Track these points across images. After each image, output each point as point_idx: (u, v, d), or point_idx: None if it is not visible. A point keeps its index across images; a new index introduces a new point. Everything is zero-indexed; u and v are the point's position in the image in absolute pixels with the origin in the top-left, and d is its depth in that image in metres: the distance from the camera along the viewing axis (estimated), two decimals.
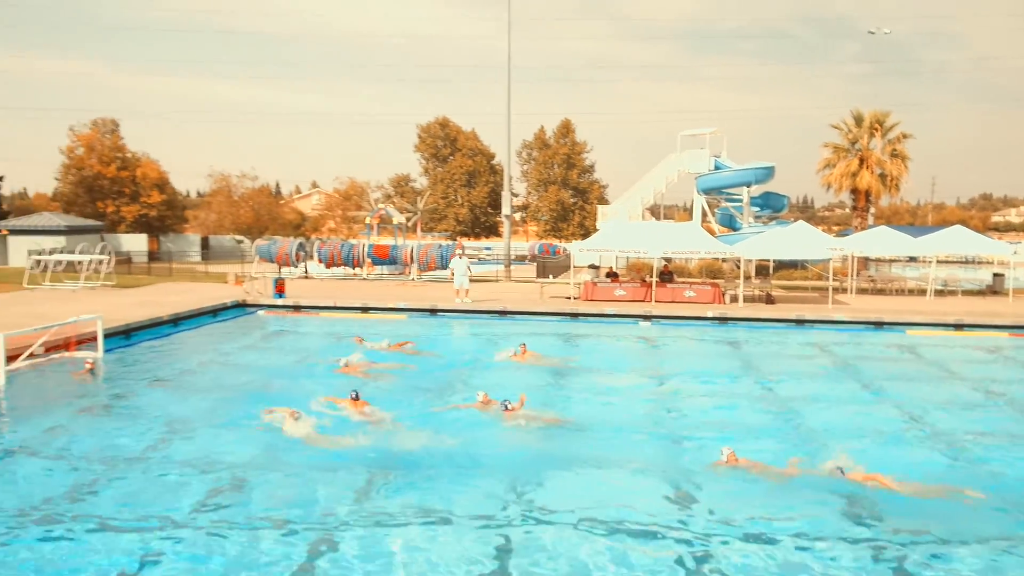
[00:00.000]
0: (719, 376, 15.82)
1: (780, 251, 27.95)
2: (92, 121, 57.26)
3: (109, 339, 16.81)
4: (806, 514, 8.33)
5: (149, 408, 12.62)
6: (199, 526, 7.77)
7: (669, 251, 26.66)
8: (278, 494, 8.76)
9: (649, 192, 44.23)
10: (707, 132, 43.03)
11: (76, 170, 55.66)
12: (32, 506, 8.20)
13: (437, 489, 8.90)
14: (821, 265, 31.07)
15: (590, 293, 26.45)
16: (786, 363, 17.69)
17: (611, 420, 12.26)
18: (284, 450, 10.30)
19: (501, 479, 9.29)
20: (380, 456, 10.06)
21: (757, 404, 13.63)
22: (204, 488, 8.85)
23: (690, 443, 11.02)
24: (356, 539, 7.54)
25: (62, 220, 45.59)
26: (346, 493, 8.74)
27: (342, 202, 67.41)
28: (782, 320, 23.03)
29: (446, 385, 14.41)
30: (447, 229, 74.73)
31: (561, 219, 77.55)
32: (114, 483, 9.07)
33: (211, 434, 11.11)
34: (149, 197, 56.33)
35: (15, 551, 7.16)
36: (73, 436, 10.90)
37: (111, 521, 7.85)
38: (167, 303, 23.34)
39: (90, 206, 54.70)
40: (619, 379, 15.52)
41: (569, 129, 79.52)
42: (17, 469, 9.59)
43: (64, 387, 13.82)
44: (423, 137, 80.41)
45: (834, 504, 8.61)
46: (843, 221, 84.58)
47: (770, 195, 43.34)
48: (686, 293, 26.07)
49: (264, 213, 61.21)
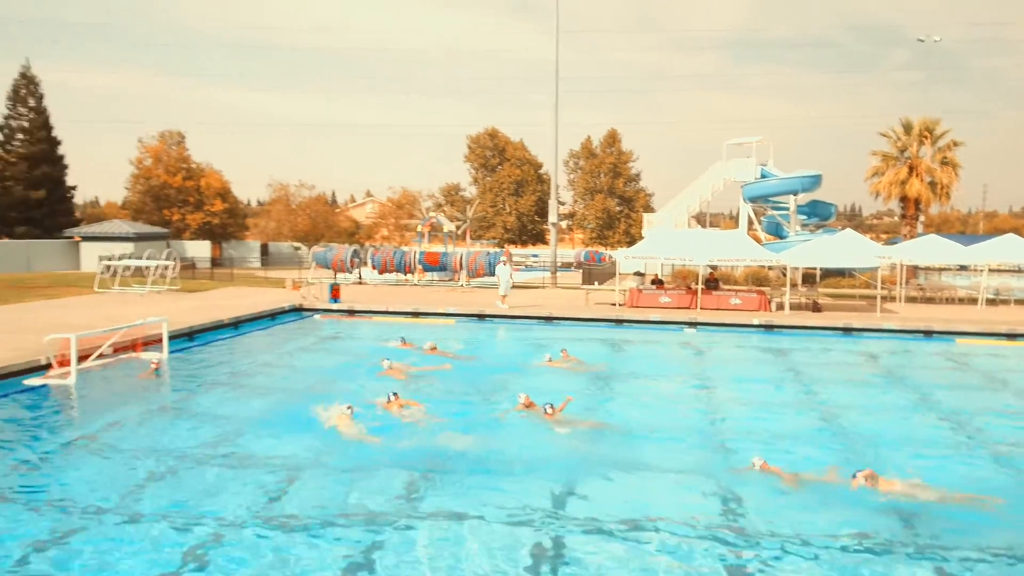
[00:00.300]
0: (764, 383, 15.51)
1: (827, 259, 27.32)
2: (160, 133, 58.95)
3: (173, 341, 17.22)
4: (837, 522, 8.08)
5: (209, 407, 12.88)
6: (252, 523, 7.88)
7: (715, 259, 26.29)
8: (326, 492, 8.82)
9: (695, 200, 43.72)
10: (753, 141, 42.37)
11: (144, 180, 57.30)
12: (96, 499, 8.41)
13: (476, 490, 8.89)
14: (869, 273, 30.29)
15: (635, 300, 26.22)
16: (832, 371, 17.26)
17: (653, 425, 12.09)
18: (334, 449, 10.42)
19: (539, 481, 9.21)
20: (422, 456, 10.08)
21: (802, 412, 13.32)
22: (258, 486, 8.98)
23: (732, 450, 10.80)
24: (398, 538, 7.55)
25: (131, 227, 46.89)
26: (388, 492, 8.76)
27: (395, 211, 68.13)
28: (829, 328, 22.49)
29: (488, 388, 14.40)
30: (495, 237, 74.93)
31: (607, 227, 77.15)
32: (174, 479, 9.25)
33: (267, 433, 11.28)
34: (212, 206, 57.67)
35: (80, 542, 7.34)
36: (137, 433, 11.18)
37: (169, 516, 7.99)
38: (228, 307, 23.82)
39: (157, 214, 56.24)
40: (662, 385, 15.34)
41: (615, 139, 79.13)
42: (84, 463, 9.85)
43: (130, 386, 14.18)
44: (473, 148, 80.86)
45: (872, 513, 8.34)
46: (892, 229, 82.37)
47: (817, 203, 42.44)
48: (732, 300, 25.67)
49: (320, 221, 62.13)
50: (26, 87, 50.36)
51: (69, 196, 52.64)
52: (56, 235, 47.15)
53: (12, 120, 50.28)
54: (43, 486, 8.94)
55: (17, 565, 6.79)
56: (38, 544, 7.22)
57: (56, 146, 51.20)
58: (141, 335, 16.67)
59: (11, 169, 49.04)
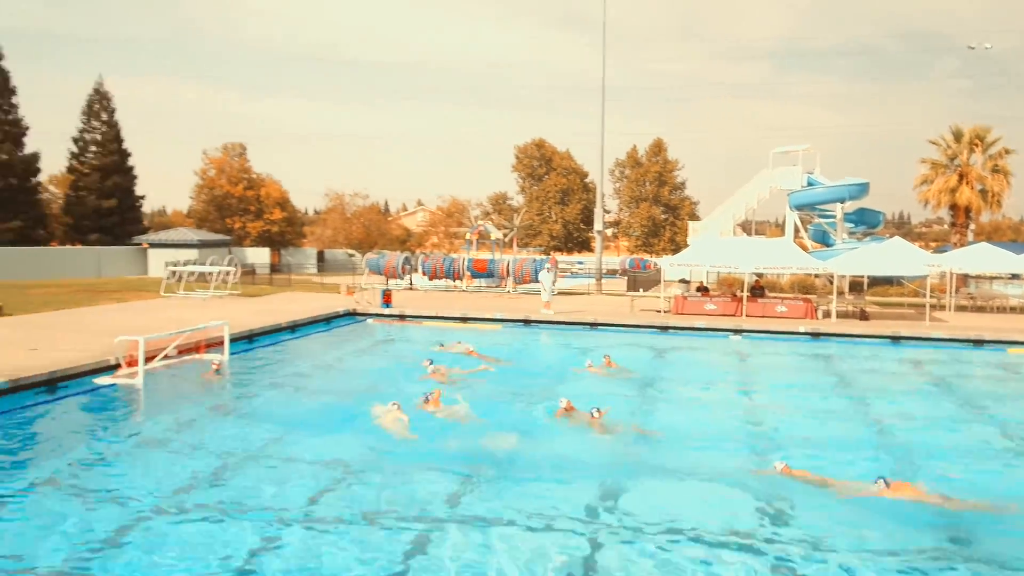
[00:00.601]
0: (809, 390, 15.18)
1: (875, 267, 26.62)
2: (223, 145, 60.49)
3: (234, 343, 17.60)
4: (866, 529, 7.86)
5: (267, 407, 13.14)
6: (305, 519, 8.01)
7: (761, 266, 25.83)
8: (372, 490, 8.90)
9: (740, 208, 43.12)
10: (800, 149, 41.66)
11: (208, 190, 58.82)
12: (159, 493, 8.62)
13: (514, 491, 8.88)
14: (918, 282, 29.46)
15: (680, 307, 25.93)
16: (879, 379, 16.80)
17: (695, 432, 11.88)
18: (380, 448, 10.53)
19: (578, 484, 9.17)
20: (461, 457, 10.11)
21: (848, 420, 12.99)
22: (312, 483, 9.12)
23: (774, 457, 10.59)
24: (441, 537, 7.57)
25: (195, 235, 48.13)
26: (433, 493, 8.79)
27: (444, 219, 68.73)
28: (876, 336, 21.91)
29: (529, 392, 14.38)
30: (541, 244, 74.95)
31: (652, 235, 76.57)
32: (232, 475, 9.45)
33: (321, 432, 11.44)
34: (271, 214, 58.90)
35: (142, 534, 7.54)
36: (199, 431, 11.45)
37: (227, 512, 8.15)
38: (286, 311, 24.28)
39: (219, 222, 57.65)
40: (706, 391, 15.12)
41: (661, 148, 78.54)
42: (148, 460, 10.11)
43: (193, 386, 14.54)
44: (520, 157, 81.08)
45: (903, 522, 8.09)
46: (941, 237, 79.95)
47: (865, 211, 41.49)
48: (778, 308, 25.21)
49: (374, 229, 63.00)
50: (99, 102, 52.14)
51: (138, 205, 54.28)
52: (126, 242, 48.68)
53: (86, 133, 52.11)
54: (110, 480, 9.21)
55: (84, 554, 7.01)
56: (104, 535, 7.44)
57: (126, 158, 52.84)
58: (204, 338, 17.07)
59: (85, 180, 50.82)
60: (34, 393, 12.99)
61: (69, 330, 18.96)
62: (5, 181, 44.79)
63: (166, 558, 7.00)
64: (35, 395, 12.93)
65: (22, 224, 45.20)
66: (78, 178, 51.03)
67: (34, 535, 7.45)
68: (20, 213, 45.44)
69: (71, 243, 50.05)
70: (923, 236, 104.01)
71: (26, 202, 46.33)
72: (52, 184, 54.35)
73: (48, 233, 48.69)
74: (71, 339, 17.29)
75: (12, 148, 45.67)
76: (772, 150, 42.24)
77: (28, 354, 15.15)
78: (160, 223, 70.59)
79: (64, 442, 10.74)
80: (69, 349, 15.82)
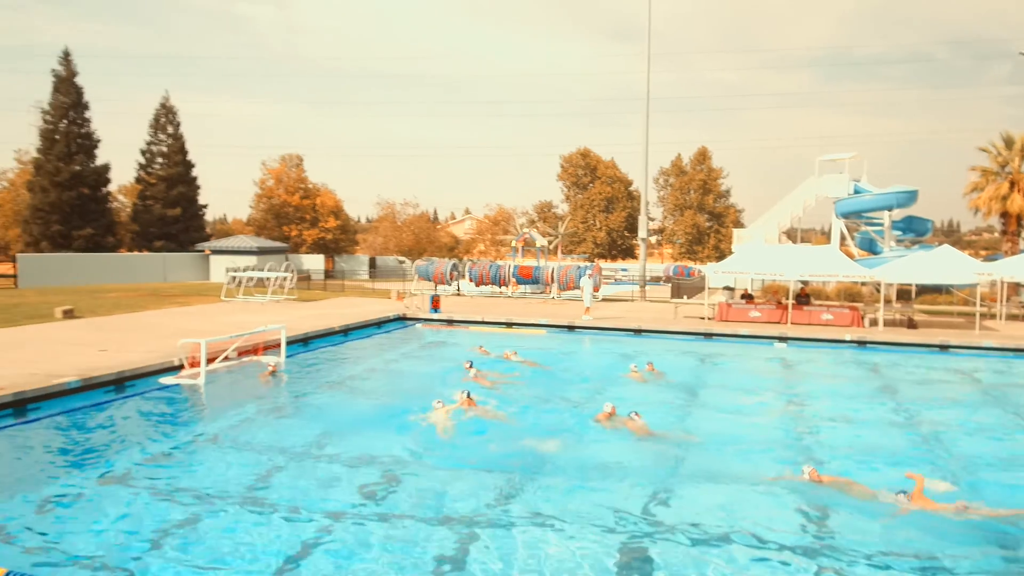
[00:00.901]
0: (854, 399, 14.78)
1: (923, 275, 25.83)
2: (281, 156, 61.81)
3: (290, 346, 17.94)
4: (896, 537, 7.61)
5: (320, 407, 13.36)
6: (355, 516, 8.10)
7: (806, 274, 25.29)
8: (422, 491, 8.97)
9: (786, 216, 42.27)
10: (846, 157, 40.65)
11: (266, 199, 60.14)
12: (218, 489, 8.83)
13: (555, 494, 8.85)
14: (967, 290, 28.49)
15: (725, 314, 25.56)
16: (927, 389, 16.28)
17: (735, 439, 11.68)
18: (427, 447, 10.64)
19: (615, 487, 9.11)
20: (506, 459, 10.12)
21: (892, 429, 12.62)
22: (362, 482, 9.23)
23: (815, 462, 10.34)
24: (483, 538, 7.59)
25: (254, 242, 49.19)
26: (473, 493, 8.82)
27: (491, 227, 69.00)
28: (924, 345, 21.26)
29: (569, 395, 14.35)
30: (585, 251, 74.70)
31: (696, 242, 75.68)
32: (286, 473, 9.62)
33: (371, 432, 11.59)
34: (326, 222, 59.93)
35: (201, 529, 7.73)
36: (255, 429, 11.70)
37: (280, 507, 8.31)
38: (339, 316, 24.64)
39: (277, 230, 58.86)
40: (749, 398, 14.84)
41: (705, 156, 77.67)
42: (208, 456, 10.36)
43: (251, 387, 14.85)
44: (565, 167, 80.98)
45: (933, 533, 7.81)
46: (992, 245, 77.28)
47: (913, 219, 40.30)
48: (823, 316, 24.66)
49: (423, 237, 63.61)
50: (165, 116, 53.76)
51: (201, 213, 55.72)
52: (189, 249, 50.04)
53: (153, 145, 53.78)
54: (172, 476, 9.46)
55: (147, 548, 7.21)
56: (166, 529, 7.65)
57: (190, 168, 54.32)
58: (262, 340, 17.44)
59: (152, 189, 52.44)
60: (103, 391, 13.44)
61: (136, 332, 19.56)
62: (78, 191, 46.50)
63: (223, 551, 7.16)
64: (104, 393, 13.38)
65: (93, 231, 46.87)
66: (145, 188, 52.67)
67: (100, 527, 7.70)
68: (92, 221, 47.13)
69: (138, 250, 51.67)
70: (973, 244, 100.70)
71: (97, 211, 48.01)
72: (121, 193, 56.20)
73: (117, 240, 50.34)
74: (138, 341, 17.84)
75: (84, 160, 47.41)
76: (818, 158, 41.35)
77: (98, 355, 15.68)
78: (221, 230, 72.33)
79: (130, 438, 11.08)
80: (136, 350, 16.33)
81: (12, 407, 11.84)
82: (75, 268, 40.63)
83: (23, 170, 51.17)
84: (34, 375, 13.27)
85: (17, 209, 49.08)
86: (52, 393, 12.57)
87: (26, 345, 17.00)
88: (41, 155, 46.66)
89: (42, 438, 10.93)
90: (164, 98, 54.11)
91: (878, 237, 39.63)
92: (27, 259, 39.80)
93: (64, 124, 46.99)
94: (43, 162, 46.34)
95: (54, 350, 16.26)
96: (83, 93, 47.85)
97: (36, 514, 7.99)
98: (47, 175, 45.95)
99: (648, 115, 36.22)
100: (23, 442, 10.70)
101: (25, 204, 47.18)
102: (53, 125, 46.82)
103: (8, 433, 10.97)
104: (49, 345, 17.02)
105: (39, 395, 12.35)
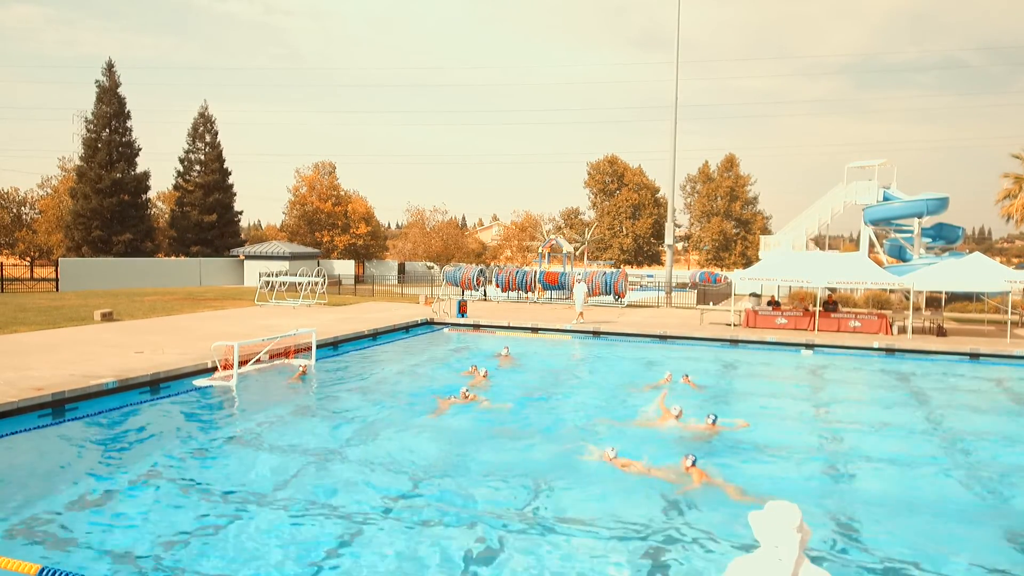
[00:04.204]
0: (881, 407, 14.49)
1: (953, 282, 25.27)
2: (314, 164, 62.50)
3: (320, 349, 18.06)
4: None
5: (349, 408, 13.40)
6: (381, 519, 8.09)
7: (834, 281, 24.88)
8: (451, 494, 8.94)
9: (814, 222, 41.72)
10: (876, 164, 40.03)
11: (300, 205, 60.82)
12: (249, 489, 8.89)
13: (588, 497, 8.77)
14: (998, 298, 27.80)
15: (751, 320, 25.24)
16: (956, 397, 15.87)
17: (760, 446, 11.51)
18: (458, 451, 10.59)
19: (648, 495, 9.00)
20: (539, 465, 10.06)
21: (920, 438, 12.32)
22: (388, 483, 9.23)
23: (841, 476, 10.14)
24: (518, 540, 7.53)
25: (287, 248, 49.79)
26: (509, 495, 8.79)
27: (518, 233, 69.01)
28: (954, 353, 20.78)
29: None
30: (612, 258, 74.38)
31: (723, 248, 74.99)
32: (315, 473, 9.64)
33: (398, 434, 11.60)
34: (357, 229, 60.43)
35: (231, 527, 7.77)
36: (286, 430, 11.76)
37: (309, 507, 8.33)
38: (368, 320, 24.78)
39: (309, 236, 59.49)
40: (775, 406, 14.61)
41: (733, 163, 77.02)
42: (240, 456, 10.45)
43: (281, 388, 14.97)
44: (592, 174, 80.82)
45: None
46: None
47: (943, 226, 39.51)
48: (851, 323, 24.24)
49: (451, 243, 63.85)
50: (204, 124, 54.69)
51: (236, 220, 56.53)
52: (224, 254, 50.79)
53: (191, 154, 54.73)
54: (203, 475, 9.54)
55: (179, 546, 7.27)
56: (197, 527, 7.71)
57: (227, 176, 55.17)
58: (293, 343, 17.60)
59: (189, 196, 53.35)
60: (139, 392, 13.65)
61: (171, 335, 19.85)
62: (118, 197, 47.50)
63: (252, 549, 7.19)
64: (140, 394, 13.59)
65: (132, 236, 47.82)
66: (183, 195, 53.60)
67: (136, 524, 7.78)
68: (131, 227, 48.10)
69: (175, 254, 52.58)
70: (1005, 252, 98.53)
71: (136, 216, 48.99)
72: (160, 200, 57.23)
73: (155, 245, 51.29)
74: (173, 343, 18.09)
75: (125, 167, 48.40)
76: (847, 164, 40.75)
77: (135, 356, 15.93)
78: (255, 236, 73.33)
79: (164, 438, 11.21)
80: (171, 352, 16.56)
81: (51, 407, 12.06)
82: (114, 272, 41.44)
83: (66, 177, 52.47)
84: (72, 376, 13.51)
85: (60, 215, 50.31)
86: (89, 394, 12.79)
87: (65, 347, 17.33)
88: (84, 163, 47.81)
89: (79, 437, 11.10)
90: (203, 107, 55.10)
91: (907, 244, 38.93)
92: (68, 263, 40.68)
93: (106, 133, 48.08)
94: (86, 170, 47.45)
95: (92, 351, 16.55)
96: (125, 103, 48.92)
97: (71, 511, 8.10)
98: (89, 182, 47.02)
99: (676, 122, 36.01)
100: (61, 441, 10.88)
101: (68, 210, 48.30)
102: (96, 134, 47.93)
103: (47, 432, 11.17)
104: (87, 347, 17.33)
105: (77, 395, 12.57)
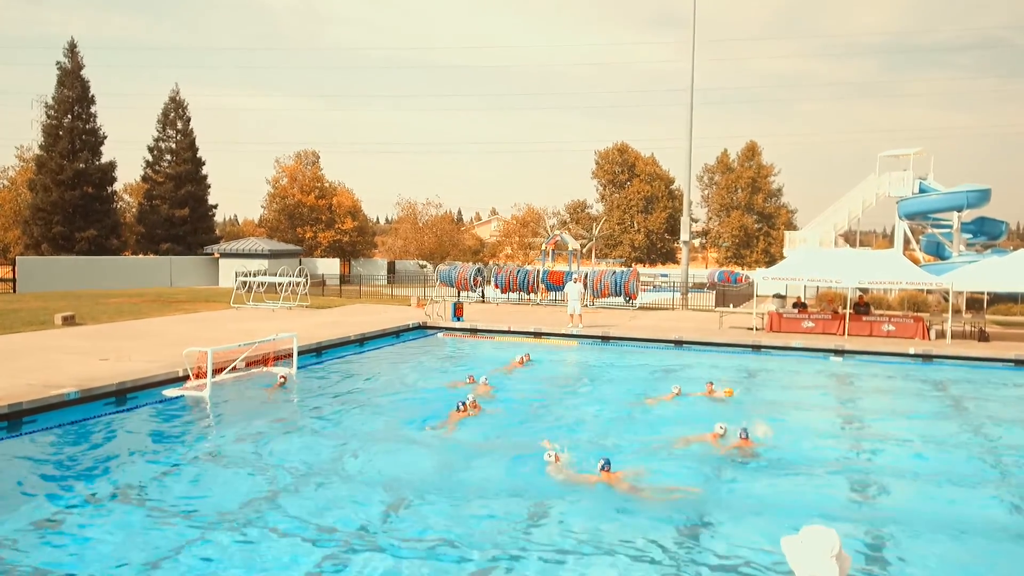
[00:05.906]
0: (918, 419, 14.49)
1: (996, 282, 25.26)
2: (296, 153, 62.56)
3: (302, 356, 18.05)
4: None
5: (332, 422, 13.39)
6: (367, 537, 8.07)
7: (865, 281, 24.88)
8: (447, 509, 8.93)
9: (843, 217, 41.67)
10: (911, 152, 39.98)
11: (280, 198, 60.86)
12: (220, 508, 8.85)
13: (606, 511, 8.76)
14: None
15: (775, 324, 25.24)
16: (1000, 409, 15.85)
17: (783, 460, 11.49)
18: (454, 466, 10.58)
19: (673, 504, 8.99)
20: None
21: (961, 453, 12.29)
22: (375, 500, 9.22)
23: (877, 493, 10.12)
24: (533, 559, 7.53)
25: (266, 244, 49.80)
26: (524, 512, 8.79)
27: (519, 229, 68.96)
28: (998, 360, 20.77)
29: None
30: (622, 255, 74.37)
31: (744, 245, 74.97)
32: (294, 490, 9.61)
33: (385, 450, 11.61)
34: (343, 224, 60.44)
35: (201, 548, 7.74)
36: (263, 445, 11.73)
37: (288, 527, 8.31)
38: (355, 324, 24.78)
39: (291, 232, 59.50)
40: (804, 417, 14.59)
41: (755, 152, 76.99)
42: (213, 473, 10.44)
43: (259, 399, 14.95)
44: (601, 163, 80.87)
45: None
46: None
47: (985, 220, 39.47)
48: (884, 327, 24.23)
49: (446, 239, 63.81)
50: (175, 110, 54.74)
51: (210, 214, 56.60)
52: (197, 251, 50.79)
53: (161, 142, 54.80)
54: (174, 494, 9.50)
55: (146, 570, 7.24)
56: (166, 550, 7.68)
57: (200, 166, 55.21)
58: (272, 350, 17.58)
59: (159, 188, 53.40)
60: (103, 403, 13.63)
61: (139, 340, 19.85)
62: (81, 190, 47.52)
63: (227, 572, 7.17)
64: (104, 405, 13.57)
65: (96, 233, 47.82)
66: (152, 187, 53.63)
67: (97, 546, 7.76)
68: (95, 222, 48.10)
69: (144, 252, 52.61)
70: None
71: (101, 211, 49.01)
72: (127, 193, 57.24)
73: (121, 242, 51.30)
74: (141, 349, 18.09)
75: (89, 156, 48.46)
76: (880, 153, 40.72)
77: (99, 364, 15.93)
78: (232, 232, 73.30)
79: (131, 454, 11.19)
80: (139, 359, 16.55)
81: (7, 419, 12.05)
82: (77, 272, 41.44)
83: (25, 168, 52.35)
84: (31, 385, 13.50)
85: (17, 209, 50.23)
86: (49, 405, 12.78)
87: (23, 353, 17.33)
88: (44, 152, 47.77)
89: (37, 452, 11.08)
90: (174, 91, 55.11)
91: (946, 240, 38.89)
92: (27, 262, 40.68)
93: (68, 119, 48.10)
94: (46, 159, 47.42)
95: (52, 359, 16.55)
96: (89, 87, 48.96)
97: (29, 532, 8.08)
98: (49, 173, 46.99)
99: (692, 107, 36.01)
100: (18, 456, 10.86)
101: (26, 204, 48.28)
102: (57, 120, 47.94)
103: (1, 447, 11.15)
104: (47, 353, 17.33)
105: (35, 407, 12.55)
